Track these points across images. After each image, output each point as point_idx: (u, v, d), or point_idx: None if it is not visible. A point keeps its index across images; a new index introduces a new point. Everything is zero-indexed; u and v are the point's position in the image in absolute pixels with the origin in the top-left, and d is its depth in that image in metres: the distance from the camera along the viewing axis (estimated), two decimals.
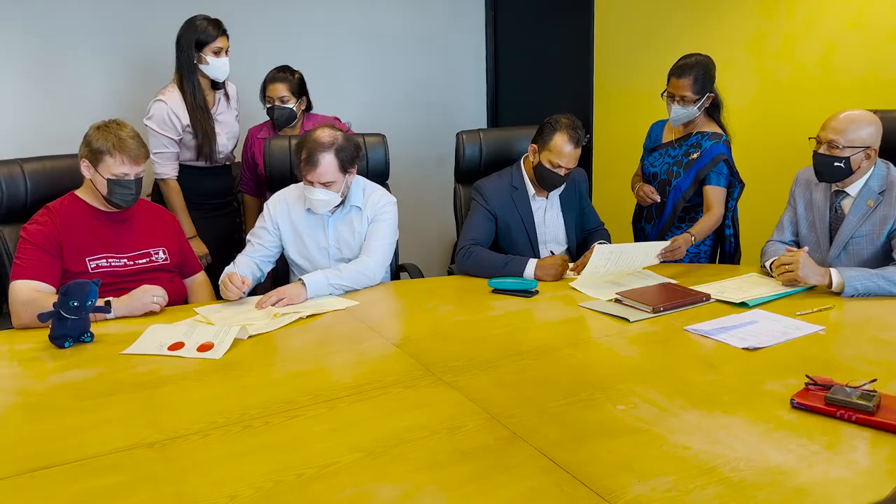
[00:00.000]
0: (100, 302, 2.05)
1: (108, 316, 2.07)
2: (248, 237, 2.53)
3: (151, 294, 2.11)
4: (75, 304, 1.85)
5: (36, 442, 1.39)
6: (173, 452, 1.34)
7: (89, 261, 2.19)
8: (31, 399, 1.59)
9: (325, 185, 2.36)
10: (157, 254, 2.31)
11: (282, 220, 2.50)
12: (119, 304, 2.09)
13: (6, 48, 3.34)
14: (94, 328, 1.94)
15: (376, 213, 2.52)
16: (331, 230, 2.51)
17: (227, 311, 2.15)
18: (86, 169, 2.17)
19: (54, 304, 1.86)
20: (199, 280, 2.46)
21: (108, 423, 1.46)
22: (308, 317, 2.11)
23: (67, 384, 1.66)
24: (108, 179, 2.15)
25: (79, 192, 2.26)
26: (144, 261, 2.27)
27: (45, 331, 1.90)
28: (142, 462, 1.30)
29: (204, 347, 1.83)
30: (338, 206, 2.48)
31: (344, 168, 2.38)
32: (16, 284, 2.08)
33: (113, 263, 2.22)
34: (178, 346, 1.86)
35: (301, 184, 2.48)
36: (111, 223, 2.25)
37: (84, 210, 2.22)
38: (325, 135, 2.36)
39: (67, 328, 1.88)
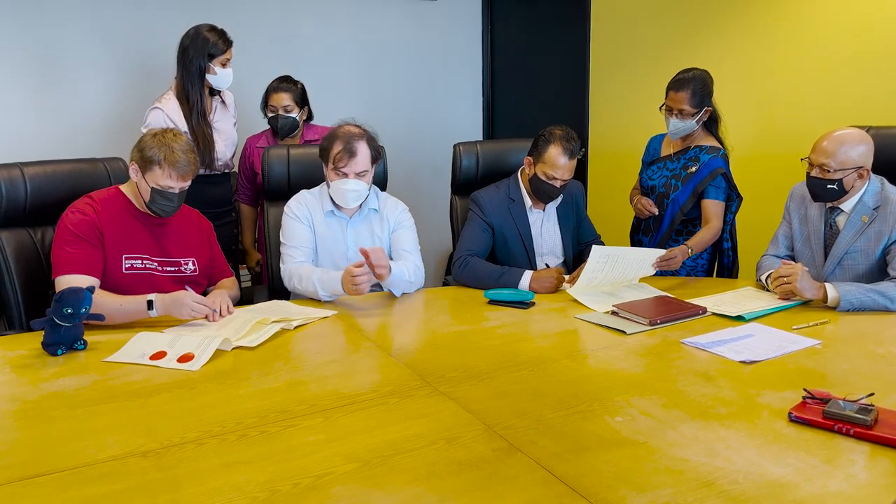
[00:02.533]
0: (141, 300, 2.05)
1: (152, 313, 2.05)
2: (285, 248, 2.46)
3: (190, 308, 2.04)
4: (69, 311, 1.83)
5: (28, 450, 1.38)
6: (168, 461, 1.32)
7: (125, 258, 2.17)
8: (24, 406, 1.57)
9: (360, 175, 2.39)
10: (187, 265, 2.29)
11: (307, 219, 2.48)
12: (161, 304, 2.06)
13: (6, 55, 3.34)
14: (87, 335, 1.93)
15: (399, 221, 2.56)
16: (350, 233, 2.51)
17: (213, 327, 2.08)
18: (133, 172, 2.17)
19: (47, 311, 1.85)
20: (225, 284, 2.42)
21: (102, 431, 1.45)
22: (295, 328, 2.09)
23: (61, 392, 1.64)
24: (153, 188, 2.14)
25: (123, 188, 2.25)
26: (173, 269, 2.26)
27: (39, 337, 1.88)
28: (136, 471, 1.29)
29: (184, 358, 1.81)
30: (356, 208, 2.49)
31: (374, 159, 2.44)
32: (63, 280, 2.05)
33: (147, 265, 2.21)
34: (159, 355, 1.83)
35: (313, 190, 2.51)
36: (149, 225, 2.24)
37: (126, 207, 2.21)
38: (354, 127, 2.43)
39: (61, 335, 1.86)
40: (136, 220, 2.22)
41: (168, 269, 2.25)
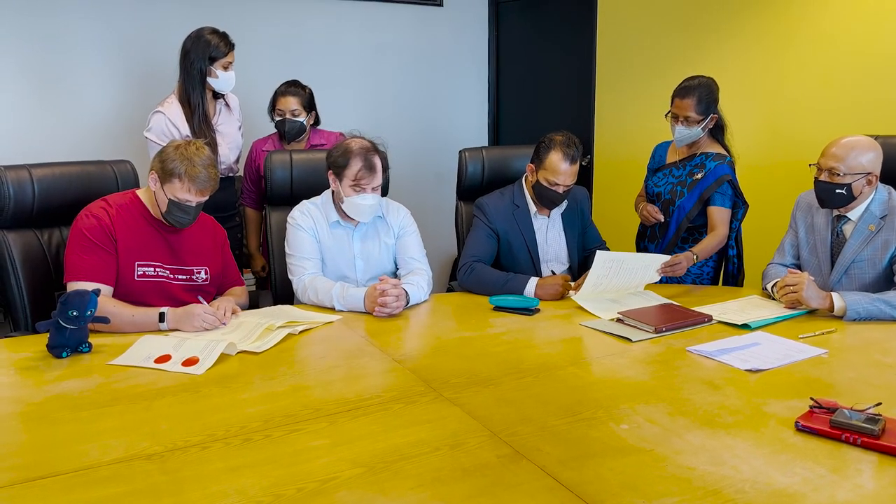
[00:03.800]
0: (153, 314, 2.05)
1: (162, 326, 2.05)
2: (294, 259, 2.43)
3: (201, 320, 2.05)
4: (74, 313, 1.83)
5: (33, 452, 1.38)
6: (172, 464, 1.32)
7: (138, 265, 2.16)
8: (29, 408, 1.57)
9: (375, 189, 2.40)
10: (199, 273, 2.27)
11: (312, 229, 2.47)
12: (172, 317, 2.06)
13: (13, 57, 3.36)
14: (92, 338, 1.93)
15: (403, 226, 2.56)
16: (357, 243, 2.50)
17: (220, 331, 2.08)
18: (152, 182, 2.15)
19: (53, 314, 1.85)
20: (235, 292, 2.40)
21: (106, 433, 1.45)
22: (300, 332, 2.09)
23: (65, 394, 1.64)
24: (171, 200, 2.13)
25: (140, 193, 2.23)
26: (184, 277, 2.24)
27: (44, 340, 1.89)
28: (140, 474, 1.29)
29: (189, 362, 1.81)
30: None
31: (385, 170, 2.44)
32: (74, 287, 2.04)
33: (160, 273, 2.20)
34: (164, 359, 1.83)
35: (315, 200, 2.50)
36: (164, 233, 2.22)
37: (141, 213, 2.20)
38: (364, 141, 2.42)
39: (66, 338, 1.86)
40: (151, 227, 2.21)
41: (180, 276, 2.24)
